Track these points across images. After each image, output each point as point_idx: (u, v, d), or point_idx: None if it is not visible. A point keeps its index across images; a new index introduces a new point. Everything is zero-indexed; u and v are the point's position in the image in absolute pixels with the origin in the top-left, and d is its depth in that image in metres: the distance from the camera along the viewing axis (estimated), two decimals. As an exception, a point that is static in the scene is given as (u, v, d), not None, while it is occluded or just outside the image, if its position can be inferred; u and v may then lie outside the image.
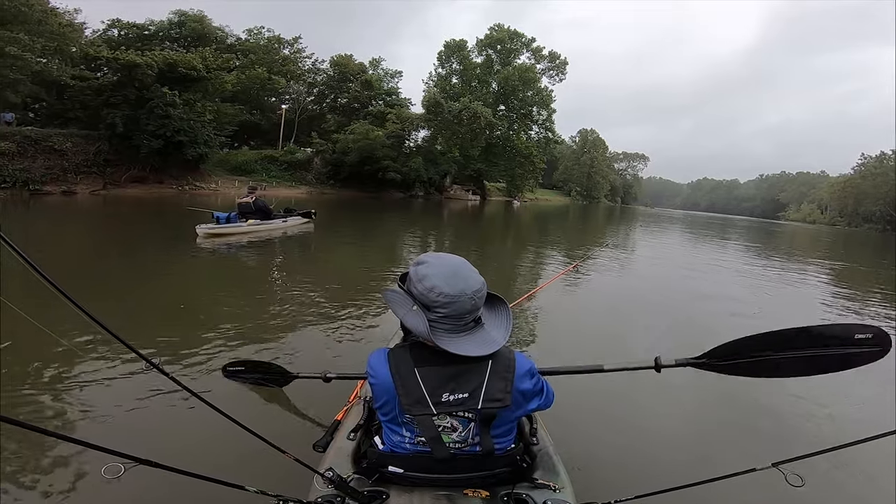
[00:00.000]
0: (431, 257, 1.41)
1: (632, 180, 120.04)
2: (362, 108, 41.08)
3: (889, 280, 12.20)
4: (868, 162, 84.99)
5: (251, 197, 10.87)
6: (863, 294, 9.32)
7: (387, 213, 23.25)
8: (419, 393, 1.33)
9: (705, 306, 6.96)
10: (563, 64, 49.15)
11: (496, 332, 1.40)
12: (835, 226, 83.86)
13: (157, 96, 22.28)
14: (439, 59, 49.19)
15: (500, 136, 46.27)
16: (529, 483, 1.47)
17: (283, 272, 7.73)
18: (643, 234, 25.74)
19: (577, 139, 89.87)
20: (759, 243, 24.16)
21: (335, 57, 41.81)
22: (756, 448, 2.87)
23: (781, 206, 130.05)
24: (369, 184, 35.98)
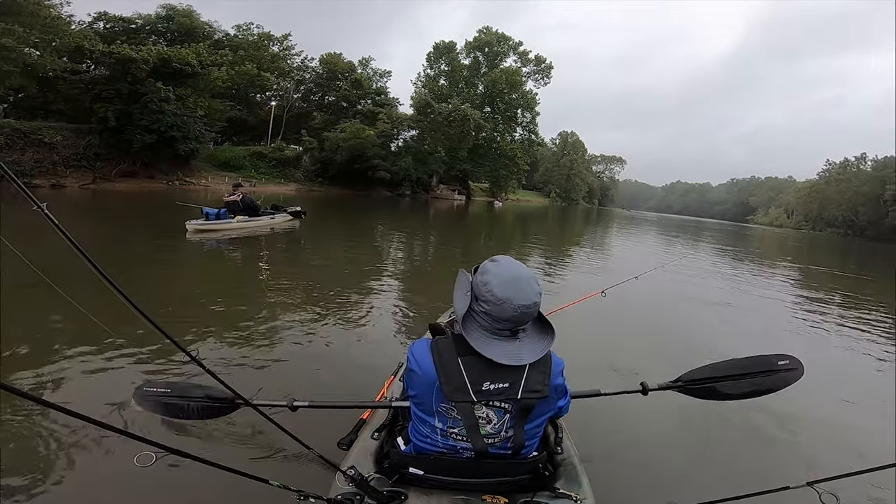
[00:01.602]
0: (504, 259, 1.43)
1: (609, 183, 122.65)
2: (351, 107, 41.39)
3: (853, 285, 13.28)
4: (832, 168, 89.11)
5: (238, 195, 10.86)
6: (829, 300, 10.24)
7: (375, 211, 23.55)
8: (461, 381, 1.35)
9: (691, 310, 7.29)
10: (548, 68, 50.47)
11: (527, 353, 1.37)
12: (800, 230, 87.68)
13: (151, 91, 22.31)
14: (428, 60, 49.93)
15: (486, 137, 47.21)
16: (550, 492, 1.46)
17: (271, 269, 7.72)
18: (625, 238, 26.80)
19: (557, 141, 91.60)
20: (738, 247, 25.65)
21: (325, 55, 41.97)
22: (783, 465, 2.79)
23: (751, 209, 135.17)
24: (358, 182, 36.38)
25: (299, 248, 10.12)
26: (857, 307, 8.86)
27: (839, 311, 8.39)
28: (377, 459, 1.63)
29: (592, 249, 16.13)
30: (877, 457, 1.56)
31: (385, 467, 1.56)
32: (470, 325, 1.39)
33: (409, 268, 8.94)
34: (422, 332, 4.37)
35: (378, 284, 6.76)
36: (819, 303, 9.05)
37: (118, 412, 2.70)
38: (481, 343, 1.35)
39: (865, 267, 20.93)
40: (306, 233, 11.93)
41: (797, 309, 8.22)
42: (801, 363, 1.95)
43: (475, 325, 1.38)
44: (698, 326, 6.33)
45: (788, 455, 2.84)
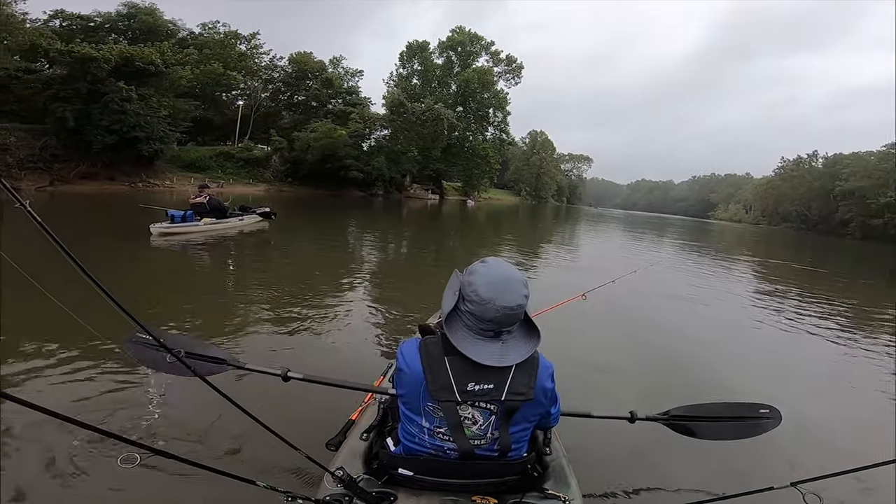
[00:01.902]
0: (493, 261, 1.44)
1: (577, 181, 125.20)
2: (321, 107, 41.10)
3: (810, 278, 14.08)
4: (787, 165, 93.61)
5: (204, 196, 10.48)
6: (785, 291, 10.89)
7: (348, 211, 23.46)
8: (446, 380, 1.36)
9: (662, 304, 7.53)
10: (518, 68, 51.17)
11: (510, 355, 1.37)
12: (758, 224, 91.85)
13: (112, 91, 21.70)
14: (401, 60, 49.97)
15: (459, 136, 47.61)
16: (539, 493, 1.47)
17: (240, 271, 7.59)
18: (596, 235, 27.53)
19: (527, 140, 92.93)
20: (702, 242, 26.86)
21: (294, 54, 41.56)
22: (770, 467, 2.79)
23: (712, 205, 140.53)
24: (329, 182, 36.18)
25: (270, 250, 9.92)
26: (817, 301, 9.19)
27: (801, 304, 8.74)
28: (366, 460, 1.63)
29: (565, 248, 16.51)
30: (859, 456, 1.55)
31: (374, 468, 1.55)
32: (455, 324, 1.40)
33: (383, 268, 8.91)
34: (398, 333, 4.57)
35: (352, 286, 6.72)
36: (780, 296, 9.48)
37: (100, 412, 2.65)
38: (464, 343, 1.36)
39: (819, 260, 22.12)
40: (277, 234, 11.71)
41: (761, 302, 8.54)
42: (780, 413, 2.07)
43: (460, 325, 1.39)
44: (673, 324, 6.40)
45: (772, 456, 2.84)
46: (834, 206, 72.85)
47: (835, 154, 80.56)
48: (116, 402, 2.84)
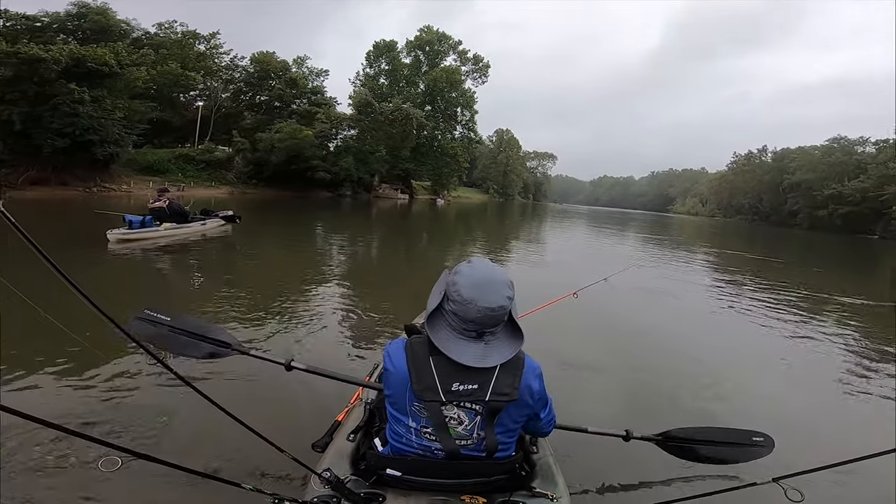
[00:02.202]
0: (478, 261, 1.44)
1: (542, 178, 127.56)
2: (285, 107, 40.44)
3: (765, 267, 14.95)
4: (739, 160, 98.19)
5: (164, 201, 10.02)
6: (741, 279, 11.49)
7: (315, 213, 23.13)
8: (431, 380, 1.36)
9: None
10: (485, 67, 51.78)
11: (492, 356, 1.37)
12: (714, 217, 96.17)
13: (63, 93, 20.79)
14: (368, 60, 49.71)
15: (428, 136, 47.75)
16: (527, 491, 1.47)
17: (205, 277, 7.30)
18: (563, 231, 28.13)
19: (493, 139, 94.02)
20: (664, 236, 28.02)
21: (256, 54, 40.65)
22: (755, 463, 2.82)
23: (670, 200, 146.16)
24: (295, 183, 35.66)
25: (236, 255, 9.65)
26: (776, 290, 9.53)
27: (764, 294, 9.02)
28: (353, 461, 1.62)
29: (536, 246, 16.88)
30: (839, 451, 1.58)
31: (362, 469, 1.55)
32: (438, 323, 1.40)
33: (354, 271, 8.83)
34: (373, 337, 4.63)
35: (323, 289, 6.59)
36: (744, 286, 9.87)
37: (84, 416, 2.63)
38: (447, 343, 1.36)
39: (772, 251, 23.25)
40: (242, 238, 11.34)
41: (728, 293, 8.84)
42: (773, 441, 2.11)
43: (444, 325, 1.39)
44: (659, 320, 6.47)
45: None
46: (783, 199, 76.98)
47: (783, 149, 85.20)
48: (97, 406, 2.79)
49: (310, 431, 2.03)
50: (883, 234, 54.17)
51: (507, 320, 1.41)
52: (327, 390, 2.77)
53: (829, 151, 70.41)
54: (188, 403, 2.64)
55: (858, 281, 14.11)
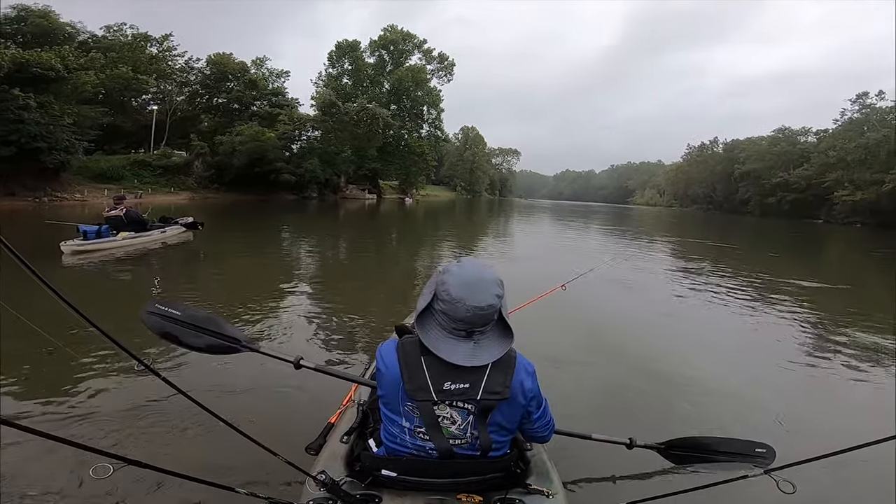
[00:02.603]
0: (468, 261, 1.44)
1: (507, 174, 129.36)
2: (245, 109, 39.54)
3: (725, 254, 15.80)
4: (692, 151, 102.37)
5: (121, 209, 9.57)
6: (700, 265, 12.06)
7: (280, 216, 22.68)
8: (423, 380, 1.37)
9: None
10: (450, 65, 52.14)
11: (482, 355, 1.37)
12: (671, 207, 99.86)
13: (6, 99, 19.75)
14: (330, 60, 49.21)
15: (394, 135, 47.64)
16: (523, 489, 1.48)
17: (169, 287, 6.94)
18: (530, 225, 28.64)
19: (459, 136, 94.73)
20: (625, 226, 29.06)
21: (212, 55, 39.47)
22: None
23: (629, 192, 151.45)
24: (258, 186, 34.96)
25: (200, 263, 9.34)
26: (740, 276, 9.85)
27: (731, 280, 9.30)
28: (348, 463, 1.61)
29: (510, 241, 17.17)
30: (831, 442, 1.58)
31: (357, 470, 1.54)
32: (428, 322, 1.40)
33: (323, 273, 8.69)
34: (349, 340, 4.60)
35: (294, 295, 6.39)
36: (708, 274, 10.22)
37: (74, 423, 2.63)
38: (436, 342, 1.36)
39: (728, 237, 24.46)
40: (205, 245, 10.94)
41: (698, 281, 9.07)
42: (774, 452, 2.11)
43: (434, 324, 1.40)
44: (638, 312, 6.56)
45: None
46: (735, 187, 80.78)
47: (733, 140, 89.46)
48: (86, 412, 2.77)
49: (303, 434, 2.03)
50: (826, 218, 57.71)
51: (497, 319, 1.41)
52: (319, 392, 2.80)
53: (775, 141, 74.38)
54: (180, 409, 2.61)
55: (810, 265, 14.85)
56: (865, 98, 58.03)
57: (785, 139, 73.55)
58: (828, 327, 6.03)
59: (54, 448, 2.16)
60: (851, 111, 59.59)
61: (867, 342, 5.35)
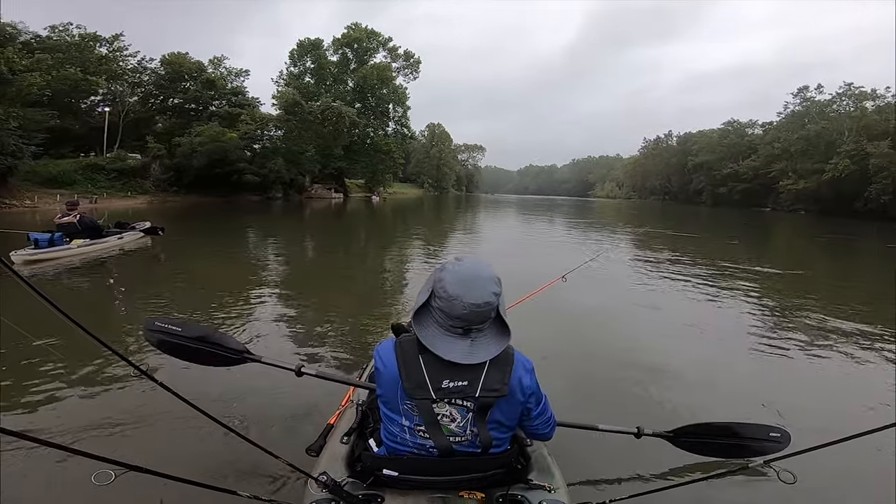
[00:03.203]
0: (466, 259, 1.44)
1: (473, 170, 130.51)
2: (203, 110, 38.48)
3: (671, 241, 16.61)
4: (649, 145, 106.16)
5: (74, 215, 9.14)
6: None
7: (243, 218, 22.14)
8: (421, 378, 1.37)
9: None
10: (416, 63, 51.89)
11: (478, 353, 1.38)
12: (630, 199, 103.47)
13: (-55, 102, 18.72)
14: (292, 58, 48.30)
15: (360, 133, 47.28)
16: (524, 484, 1.49)
17: (130, 296, 6.56)
18: (498, 220, 28.94)
19: (425, 133, 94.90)
20: (589, 219, 29.93)
21: (167, 55, 38.13)
22: None
23: (590, 185, 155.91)
24: (220, 188, 34.20)
25: (161, 268, 8.98)
26: (700, 264, 10.15)
27: (695, 269, 9.53)
28: (349, 463, 1.62)
29: (488, 237, 17.43)
30: (829, 433, 1.55)
31: (358, 471, 1.55)
32: (425, 320, 1.41)
33: (292, 274, 8.51)
34: (319, 337, 4.62)
35: (260, 299, 6.21)
36: (676, 263, 10.46)
37: (75, 430, 2.65)
38: (433, 340, 1.37)
39: (687, 227, 25.36)
40: (166, 249, 10.53)
41: (670, 270, 9.31)
42: (789, 436, 2.09)
43: (431, 321, 1.40)
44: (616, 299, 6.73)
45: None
46: (689, 179, 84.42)
47: (686, 133, 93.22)
48: (87, 419, 2.78)
49: (302, 436, 2.04)
50: (773, 206, 61.23)
51: (495, 317, 1.41)
52: (317, 394, 2.83)
53: (725, 134, 78.11)
54: (180, 414, 2.57)
55: (767, 252, 15.58)
56: (806, 92, 61.62)
57: (734, 132, 77.31)
58: (798, 313, 6.18)
59: (55, 455, 2.22)
60: (794, 104, 63.20)
61: (833, 327, 5.54)
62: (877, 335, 5.26)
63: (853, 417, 3.26)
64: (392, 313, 5.67)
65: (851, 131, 51.22)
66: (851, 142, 49.66)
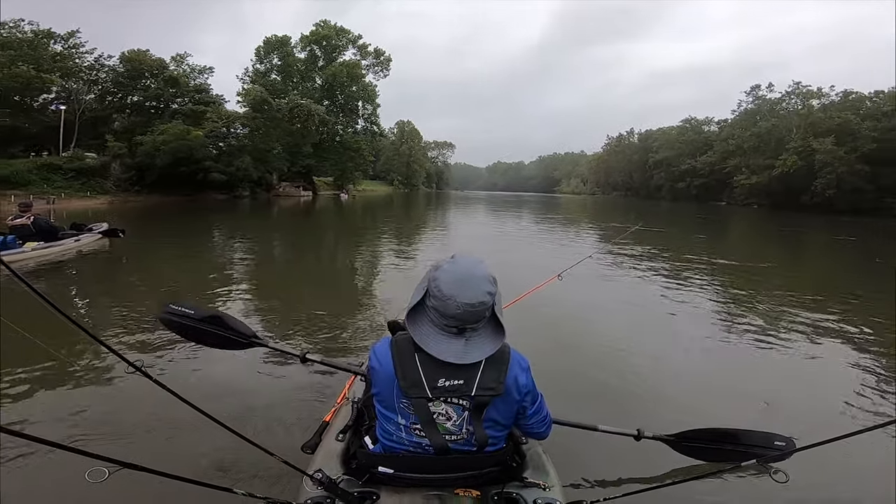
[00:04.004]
0: (461, 258, 1.43)
1: (443, 167, 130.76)
2: (165, 108, 37.51)
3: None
4: (611, 142, 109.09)
5: (28, 217, 8.85)
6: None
7: (210, 217, 21.69)
8: (417, 376, 1.38)
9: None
10: (387, 60, 51.72)
11: (473, 352, 1.37)
12: (594, 195, 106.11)
13: None
14: (258, 55, 47.55)
15: (328, 131, 47.04)
16: (519, 482, 1.49)
17: (91, 301, 6.36)
18: (470, 216, 29.58)
19: (395, 131, 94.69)
20: (556, 214, 31.04)
21: (126, 52, 36.88)
22: None
23: (556, 181, 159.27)
24: (185, 187, 33.51)
25: (122, 270, 8.72)
26: (672, 259, 10.46)
27: (662, 264, 9.81)
28: (344, 461, 1.62)
29: (453, 237, 17.92)
30: (821, 433, 1.54)
31: (353, 468, 1.56)
32: (419, 319, 1.40)
33: (261, 276, 8.44)
34: (289, 335, 4.59)
35: (228, 300, 6.14)
36: (649, 258, 10.71)
37: (69, 427, 2.65)
38: (427, 339, 1.37)
39: (654, 221, 25.57)
40: (128, 251, 10.27)
41: (634, 263, 9.75)
42: (794, 443, 2.02)
43: (426, 321, 1.40)
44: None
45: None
46: (650, 175, 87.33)
47: (647, 130, 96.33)
48: (80, 416, 2.80)
49: (298, 433, 2.07)
50: (728, 200, 64.21)
51: (490, 316, 1.41)
52: (313, 391, 2.86)
53: (683, 131, 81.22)
54: (174, 411, 2.47)
55: (735, 247, 16.25)
56: (758, 90, 64.58)
57: (692, 129, 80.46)
58: (781, 309, 6.32)
59: (48, 453, 2.23)
60: (747, 102, 66.09)
61: (809, 320, 5.74)
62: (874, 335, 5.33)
63: (840, 413, 3.32)
64: (372, 313, 5.66)
65: (799, 128, 54.02)
66: (799, 138, 52.40)
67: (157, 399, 1.72)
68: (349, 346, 4.41)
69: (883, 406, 3.47)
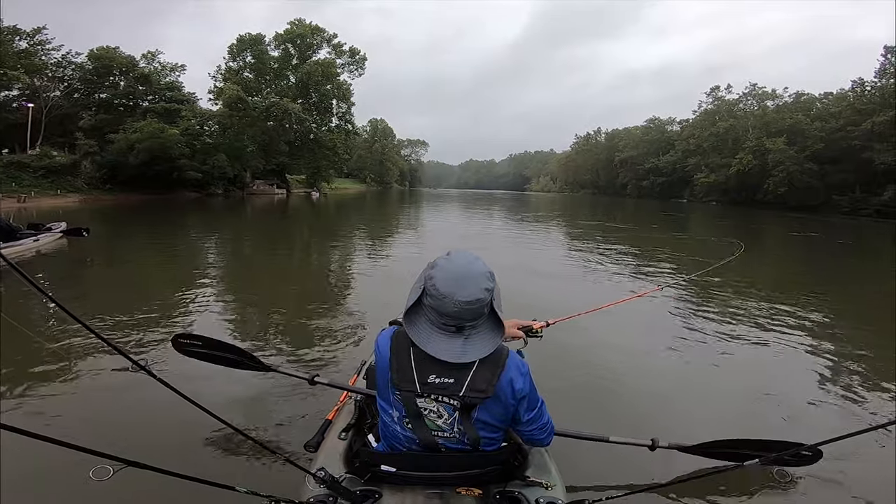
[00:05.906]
0: (455, 254, 1.40)
1: (416, 165, 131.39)
2: (135, 106, 37.10)
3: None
4: (580, 141, 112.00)
5: None
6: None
7: (183, 215, 21.74)
8: (409, 370, 1.37)
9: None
10: (362, 59, 51.69)
11: (470, 352, 1.34)
12: (563, 192, 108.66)
13: None
14: (231, 53, 47.03)
15: (302, 129, 47.12)
16: (521, 481, 1.48)
17: (57, 307, 4.97)
18: (445, 214, 30.26)
19: (368, 129, 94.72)
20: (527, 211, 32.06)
21: (95, 49, 36.27)
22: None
23: (527, 179, 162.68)
24: (157, 184, 33.41)
25: (88, 271, 8.40)
26: (644, 256, 10.85)
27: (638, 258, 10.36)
28: (347, 459, 1.63)
29: (426, 237, 17.65)
30: (822, 433, 1.48)
31: (356, 467, 1.56)
32: (417, 317, 1.37)
33: (237, 276, 8.43)
34: (261, 337, 4.60)
35: (198, 299, 6.07)
36: (619, 253, 11.26)
37: (73, 425, 2.69)
38: (423, 338, 1.34)
39: (623, 219, 26.97)
40: (93, 251, 9.93)
41: (612, 260, 10.02)
42: (821, 452, 2.00)
43: (423, 319, 1.37)
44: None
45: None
46: (616, 173, 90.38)
47: (613, 129, 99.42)
48: (84, 414, 2.84)
49: (300, 432, 2.07)
50: (689, 198, 67.40)
51: (489, 313, 1.37)
52: (315, 390, 2.83)
53: (647, 131, 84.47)
54: (177, 409, 2.37)
55: (716, 246, 15.99)
56: (717, 91, 67.61)
57: (655, 128, 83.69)
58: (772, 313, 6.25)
59: (53, 451, 2.72)
60: (706, 103, 69.07)
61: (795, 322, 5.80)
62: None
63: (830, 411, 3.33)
64: (345, 313, 5.70)
65: (755, 128, 57.02)
66: (754, 138, 55.40)
67: (161, 397, 1.68)
68: (323, 349, 4.36)
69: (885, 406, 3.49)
